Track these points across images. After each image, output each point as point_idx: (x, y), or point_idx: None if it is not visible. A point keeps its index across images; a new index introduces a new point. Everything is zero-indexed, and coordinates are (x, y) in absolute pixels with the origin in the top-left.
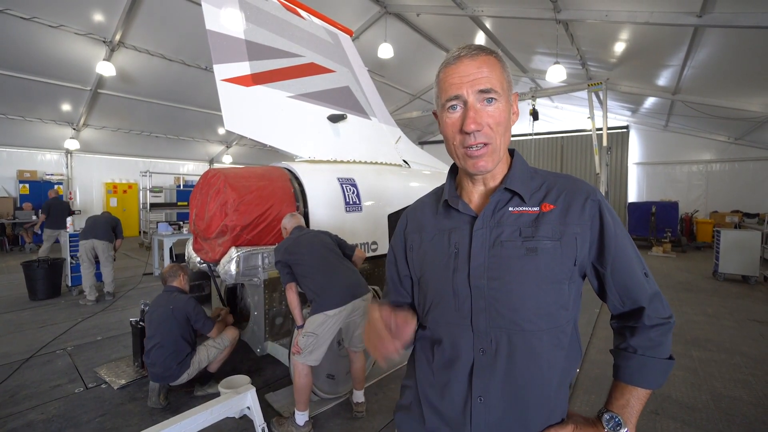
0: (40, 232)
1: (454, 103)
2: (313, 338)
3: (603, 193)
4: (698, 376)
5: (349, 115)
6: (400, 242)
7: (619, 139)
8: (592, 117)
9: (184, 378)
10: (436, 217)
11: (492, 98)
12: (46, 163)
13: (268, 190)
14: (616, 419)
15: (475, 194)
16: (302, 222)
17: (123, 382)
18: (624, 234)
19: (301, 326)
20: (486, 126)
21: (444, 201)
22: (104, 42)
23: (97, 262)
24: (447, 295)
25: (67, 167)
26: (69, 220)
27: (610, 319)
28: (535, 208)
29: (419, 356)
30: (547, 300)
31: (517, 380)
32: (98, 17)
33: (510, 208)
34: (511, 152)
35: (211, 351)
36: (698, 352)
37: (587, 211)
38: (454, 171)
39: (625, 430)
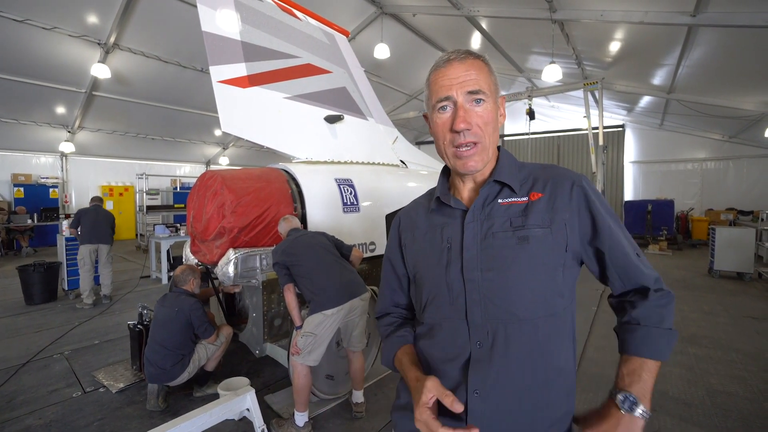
0: None
1: (444, 104)
2: (311, 338)
3: (600, 192)
4: (694, 372)
5: (345, 116)
6: (394, 241)
7: (615, 138)
8: (588, 116)
9: (185, 377)
10: (429, 214)
11: (480, 99)
12: (41, 166)
13: (265, 192)
14: (631, 398)
15: (465, 190)
16: (297, 224)
17: (121, 385)
18: (612, 215)
19: (300, 327)
20: (475, 125)
21: (436, 198)
22: (99, 44)
23: (96, 263)
24: (442, 289)
25: (62, 170)
26: (65, 224)
27: (608, 297)
28: (524, 198)
29: (417, 353)
30: (541, 287)
31: (514, 372)
32: (92, 19)
33: (499, 200)
34: (498, 149)
35: (209, 348)
36: (694, 349)
37: (574, 198)
38: (446, 171)
39: (641, 407)
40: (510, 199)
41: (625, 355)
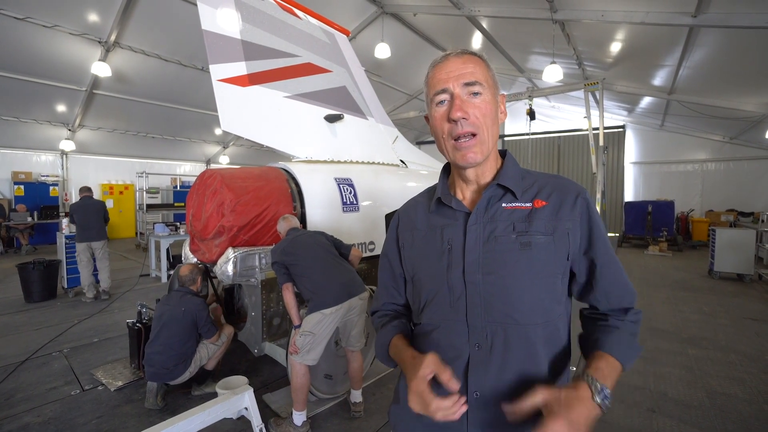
0: None
1: (441, 97)
2: (310, 337)
3: (600, 193)
4: (694, 374)
5: (346, 115)
6: (392, 241)
7: (615, 138)
8: (588, 117)
9: (186, 376)
10: (429, 214)
11: (477, 92)
12: (42, 164)
13: (265, 191)
14: (606, 391)
15: (467, 191)
16: (296, 223)
17: (120, 383)
18: (605, 234)
19: (299, 326)
20: (473, 115)
21: (437, 198)
22: (99, 42)
23: (94, 258)
24: (442, 291)
25: (62, 168)
26: (64, 222)
27: (581, 310)
28: (528, 204)
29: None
30: (541, 294)
31: (513, 375)
32: (93, 17)
33: (503, 204)
34: (504, 154)
35: (210, 348)
36: (694, 350)
37: (578, 208)
38: (447, 170)
39: (608, 402)
40: (514, 204)
41: (599, 351)
